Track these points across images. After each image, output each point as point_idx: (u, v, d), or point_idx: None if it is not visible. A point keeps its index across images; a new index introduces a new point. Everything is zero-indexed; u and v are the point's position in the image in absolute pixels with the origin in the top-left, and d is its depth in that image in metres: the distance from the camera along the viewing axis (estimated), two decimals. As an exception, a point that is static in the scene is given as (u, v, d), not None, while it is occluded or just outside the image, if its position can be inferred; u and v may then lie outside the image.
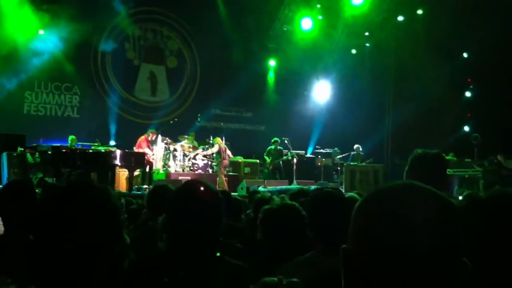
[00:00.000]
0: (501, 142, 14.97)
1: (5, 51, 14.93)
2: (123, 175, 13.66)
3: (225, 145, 14.89)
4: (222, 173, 14.50)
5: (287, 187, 12.01)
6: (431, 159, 2.95)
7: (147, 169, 14.11)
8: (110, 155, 12.85)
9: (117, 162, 12.75)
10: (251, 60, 18.66)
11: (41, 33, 15.68)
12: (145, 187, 13.30)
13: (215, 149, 14.62)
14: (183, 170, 14.65)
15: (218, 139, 14.81)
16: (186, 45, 19.53)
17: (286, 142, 15.69)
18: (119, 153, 12.92)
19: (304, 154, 17.54)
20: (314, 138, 19.39)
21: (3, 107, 15.53)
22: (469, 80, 18.64)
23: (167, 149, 14.78)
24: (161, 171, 14.41)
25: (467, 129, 18.34)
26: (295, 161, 15.35)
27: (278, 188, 11.40)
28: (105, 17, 17.03)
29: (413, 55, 16.94)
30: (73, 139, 13.74)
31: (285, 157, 15.68)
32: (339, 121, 18.72)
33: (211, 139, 15.25)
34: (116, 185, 12.93)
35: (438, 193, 0.96)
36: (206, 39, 18.56)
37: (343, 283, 0.97)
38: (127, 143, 14.78)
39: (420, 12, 17.53)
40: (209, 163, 15.33)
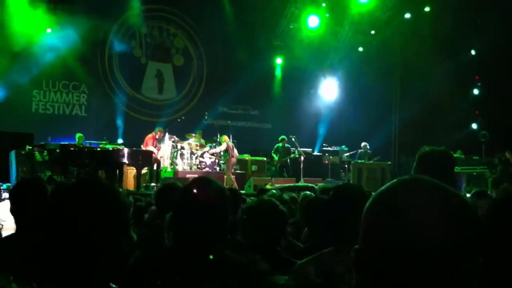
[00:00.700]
0: (509, 139, 14.86)
1: (14, 49, 15.00)
2: (131, 173, 13.71)
3: (232, 143, 14.91)
4: (230, 171, 14.50)
5: (294, 184, 12.00)
6: (438, 156, 2.92)
7: (155, 167, 14.13)
8: (118, 153, 12.87)
9: (125, 160, 12.78)
10: (257, 58, 18.62)
11: (48, 31, 15.70)
12: (153, 185, 13.35)
13: (223, 147, 14.57)
14: (191, 168, 14.67)
15: (225, 137, 14.77)
16: (192, 43, 19.53)
17: (293, 140, 15.65)
18: (126, 151, 12.95)
19: (311, 152, 17.50)
20: (321, 136, 19.35)
21: (12, 106, 15.60)
22: (476, 77, 18.53)
23: (174, 147, 14.79)
24: (169, 169, 14.44)
25: (475, 126, 18.23)
26: (302, 159, 15.33)
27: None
28: (113, 15, 17.09)
29: (419, 53, 16.85)
30: (80, 137, 13.73)
31: (293, 155, 15.66)
32: (346, 119, 18.68)
33: (218, 137, 15.24)
34: (124, 183, 12.98)
35: (449, 188, 0.94)
36: (212, 37, 18.59)
37: (354, 283, 0.97)
38: (135, 141, 14.80)
39: (427, 9, 17.43)
40: (217, 161, 15.34)
